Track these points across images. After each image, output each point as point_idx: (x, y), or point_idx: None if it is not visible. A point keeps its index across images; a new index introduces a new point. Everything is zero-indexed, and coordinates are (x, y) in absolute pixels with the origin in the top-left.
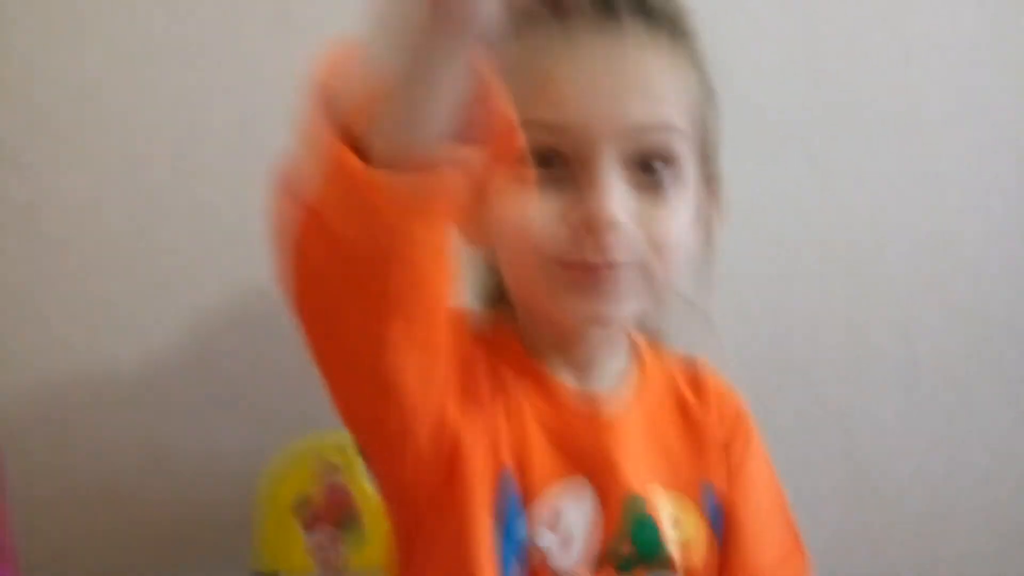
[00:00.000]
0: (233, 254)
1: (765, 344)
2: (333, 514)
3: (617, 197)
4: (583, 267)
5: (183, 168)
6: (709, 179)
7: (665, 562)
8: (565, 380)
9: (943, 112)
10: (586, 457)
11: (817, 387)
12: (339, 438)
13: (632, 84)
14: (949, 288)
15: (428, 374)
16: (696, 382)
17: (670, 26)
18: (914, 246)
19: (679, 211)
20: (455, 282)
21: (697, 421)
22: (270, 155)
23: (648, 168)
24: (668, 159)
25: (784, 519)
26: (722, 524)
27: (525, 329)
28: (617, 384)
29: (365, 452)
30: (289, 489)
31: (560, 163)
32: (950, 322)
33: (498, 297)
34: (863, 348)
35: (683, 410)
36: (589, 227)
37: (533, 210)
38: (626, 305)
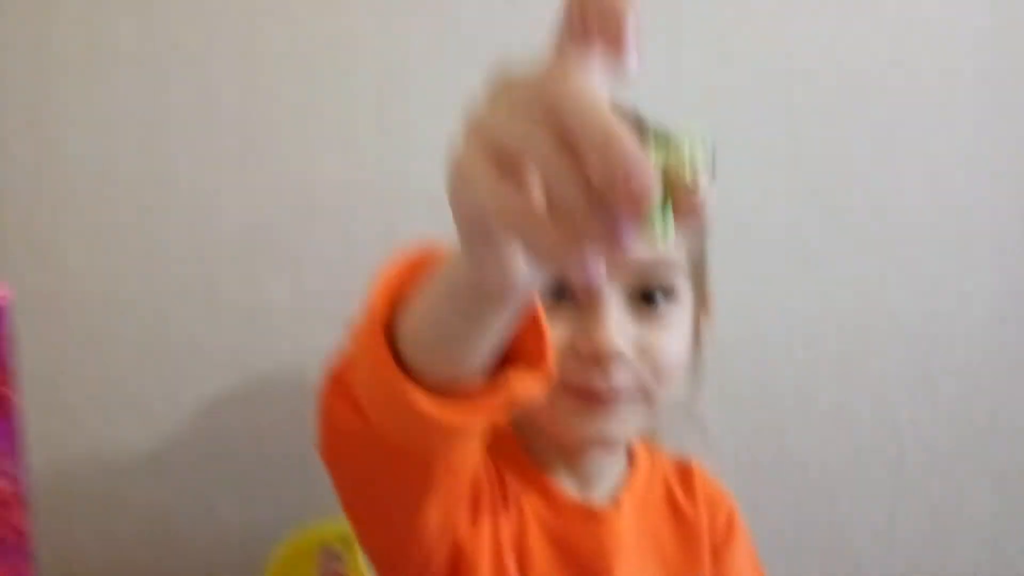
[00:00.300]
0: (245, 341)
1: (757, 434)
2: None
3: (620, 329)
4: (589, 393)
5: (198, 256)
6: (702, 297)
7: None
8: (566, 487)
9: (926, 209)
10: (585, 561)
11: (809, 478)
12: (341, 526)
13: None
14: (936, 385)
15: (452, 517)
16: (687, 481)
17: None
18: (902, 343)
19: (676, 334)
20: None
21: (687, 518)
22: (283, 246)
23: (648, 297)
24: (667, 291)
25: None
26: None
27: (528, 439)
28: (614, 486)
29: (377, 568)
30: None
31: (568, 295)
32: (936, 417)
33: None
34: (851, 441)
35: (674, 508)
36: (595, 357)
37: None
38: (627, 425)
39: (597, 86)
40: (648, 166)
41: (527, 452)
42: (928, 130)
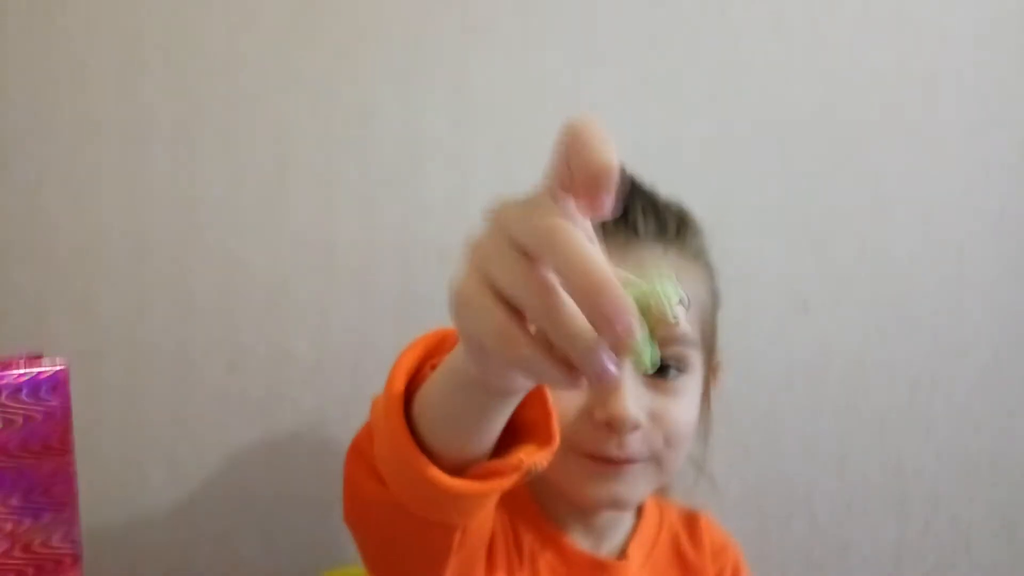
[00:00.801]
0: (268, 393)
1: (764, 482)
2: None
3: (636, 401)
4: (604, 460)
5: (225, 314)
6: (711, 364)
7: None
8: (578, 542)
9: (921, 254)
10: None
11: (817, 523)
12: (361, 571)
13: None
14: (938, 428)
15: (471, 573)
16: (694, 531)
17: (681, 240)
18: (902, 387)
19: (688, 402)
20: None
21: (694, 568)
22: (305, 303)
23: (663, 370)
24: (680, 363)
25: None
26: None
27: (543, 497)
28: (623, 538)
29: None
30: None
31: None
32: (940, 460)
33: None
34: (857, 484)
35: (681, 558)
36: (612, 427)
37: (560, 403)
38: (640, 489)
39: (585, 229)
40: (630, 309)
41: (541, 509)
42: (920, 176)
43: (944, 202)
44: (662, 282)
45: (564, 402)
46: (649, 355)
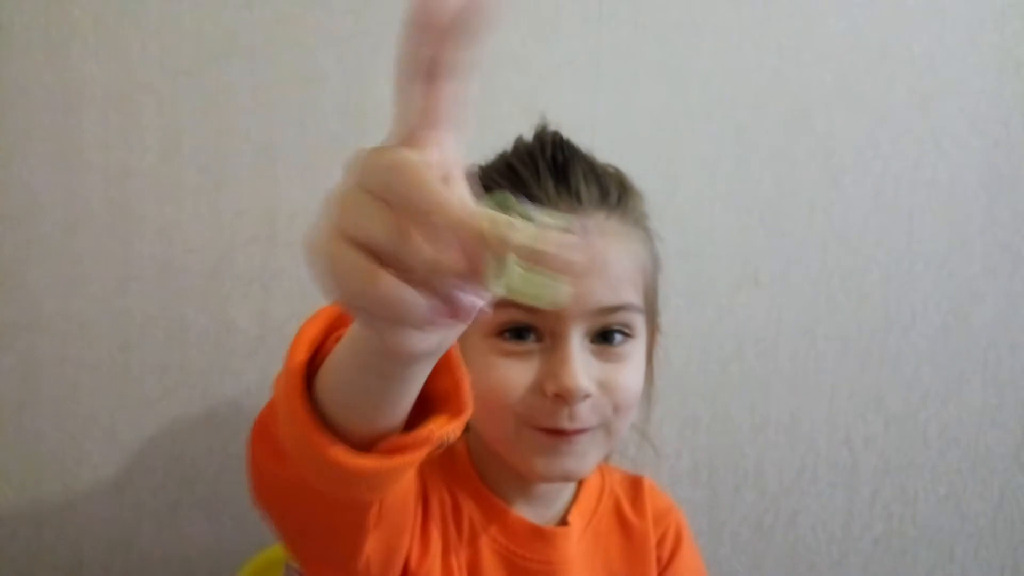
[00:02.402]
0: (210, 366)
1: (714, 452)
2: None
3: (585, 370)
4: (556, 432)
5: (165, 284)
6: (654, 328)
7: None
8: (520, 511)
9: (871, 226)
10: None
11: (767, 492)
12: None
13: (595, 271)
14: (886, 397)
15: (396, 551)
16: (636, 496)
17: (622, 206)
18: (852, 358)
19: (634, 367)
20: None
21: (636, 532)
22: (247, 274)
23: (608, 337)
24: (626, 331)
25: None
26: None
27: (484, 465)
28: (566, 505)
29: None
30: None
31: (533, 337)
32: (888, 430)
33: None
34: (806, 455)
35: (623, 523)
36: (562, 398)
37: (510, 378)
38: (592, 460)
39: (426, 157)
40: (471, 231)
41: (483, 481)
42: (871, 148)
43: (895, 174)
44: (503, 203)
45: (514, 378)
46: (508, 277)
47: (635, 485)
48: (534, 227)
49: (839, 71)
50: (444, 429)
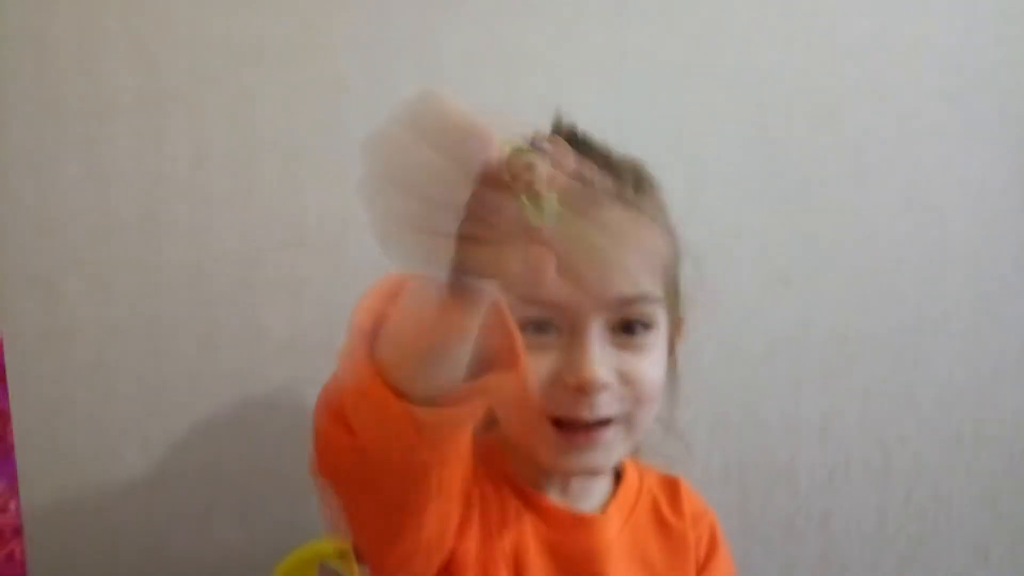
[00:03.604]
0: (241, 368)
1: (745, 451)
2: None
3: (604, 361)
4: (576, 426)
5: (195, 288)
6: (676, 320)
7: None
8: (557, 502)
9: (902, 225)
10: (579, 566)
11: (798, 492)
12: (338, 543)
13: (615, 263)
14: (919, 396)
15: (447, 529)
16: (673, 496)
17: (640, 196)
18: (884, 357)
19: (655, 359)
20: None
21: (675, 532)
22: (277, 277)
23: (629, 328)
24: (645, 321)
25: None
26: None
27: (518, 459)
28: (605, 501)
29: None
30: None
31: (553, 330)
32: (921, 428)
33: (489, 424)
34: (838, 454)
35: (661, 522)
36: (582, 390)
37: (531, 371)
38: (612, 454)
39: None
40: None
41: (519, 476)
42: (901, 146)
43: (925, 172)
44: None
45: (535, 371)
46: (542, 210)
47: (672, 486)
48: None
49: (867, 68)
50: (498, 380)
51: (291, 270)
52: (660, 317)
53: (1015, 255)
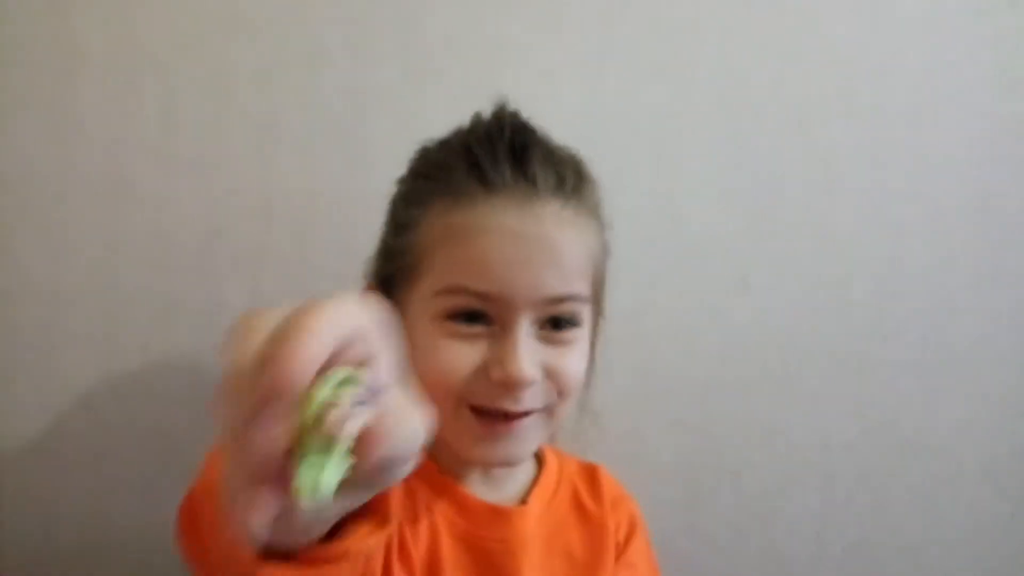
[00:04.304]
0: (198, 342)
1: (696, 454)
2: None
3: (532, 358)
4: (496, 415)
5: (154, 257)
6: (599, 314)
7: None
8: (476, 491)
9: (858, 233)
10: (494, 559)
11: (746, 493)
12: None
13: (548, 260)
14: (865, 403)
15: None
16: (593, 483)
17: (577, 195)
18: (833, 363)
19: (579, 352)
20: None
21: (594, 519)
22: (240, 250)
23: (556, 324)
24: (573, 320)
25: None
26: None
27: (437, 446)
28: (523, 487)
29: None
30: None
31: (482, 321)
32: (866, 437)
33: None
34: (785, 458)
35: (581, 509)
36: (508, 384)
37: (457, 360)
38: (532, 444)
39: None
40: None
41: (434, 463)
42: (868, 159)
43: (888, 186)
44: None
45: (461, 360)
46: (316, 481)
47: (591, 473)
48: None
49: (838, 81)
50: (366, 542)
51: (256, 244)
52: (586, 314)
53: (966, 275)
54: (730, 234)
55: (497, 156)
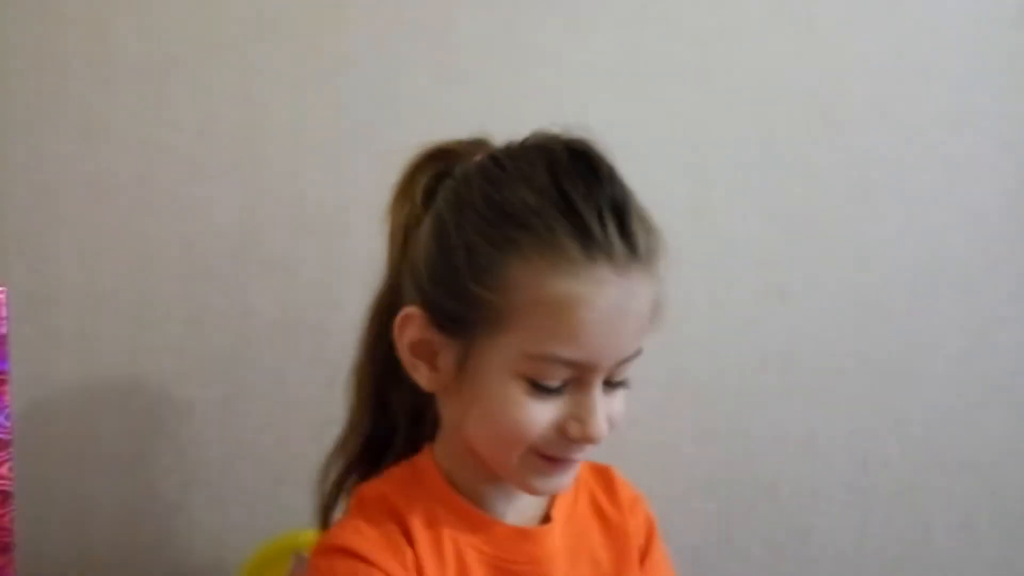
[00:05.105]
0: (229, 347)
1: (731, 464)
2: None
3: (604, 414)
4: (560, 461)
5: (187, 262)
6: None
7: None
8: (503, 515)
9: (899, 245)
10: None
11: (782, 507)
12: (313, 534)
13: (634, 329)
14: (905, 419)
15: None
16: (609, 488)
17: (657, 256)
18: (872, 377)
19: (625, 393)
20: None
21: (614, 523)
22: (272, 257)
23: (621, 383)
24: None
25: None
26: None
27: (462, 478)
28: (545, 502)
29: None
30: None
31: (561, 383)
32: (904, 451)
33: (415, 419)
34: (822, 471)
35: (601, 515)
36: (584, 439)
37: (534, 418)
38: (575, 475)
39: None
40: None
41: (461, 494)
42: (903, 168)
43: (925, 194)
44: None
45: (538, 418)
46: None
47: (605, 475)
48: None
49: (875, 87)
50: None
51: (286, 250)
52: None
53: (1009, 284)
54: (764, 242)
55: (603, 218)
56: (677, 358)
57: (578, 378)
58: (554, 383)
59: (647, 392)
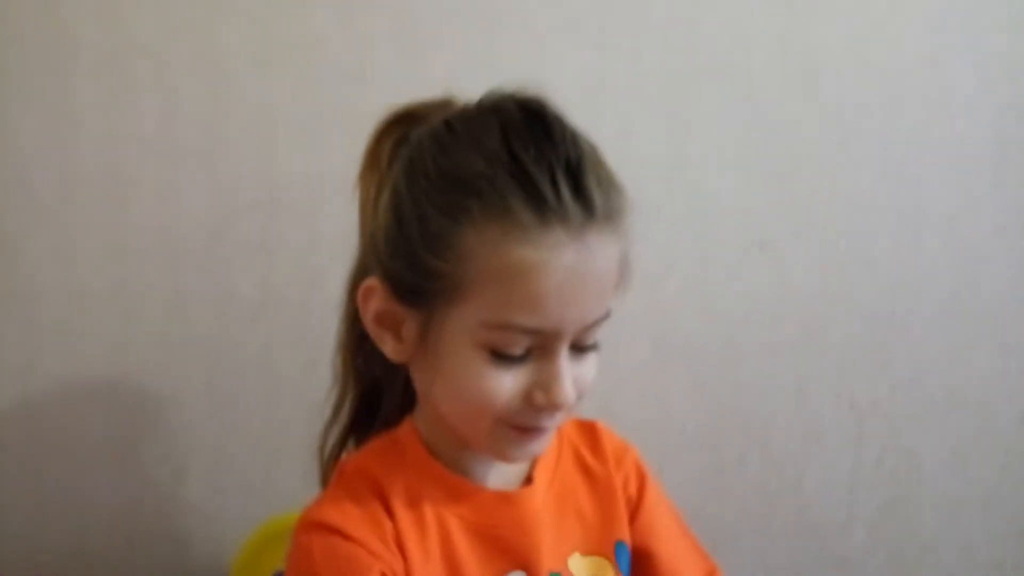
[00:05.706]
0: (210, 332)
1: (721, 416)
2: None
3: (570, 379)
4: (531, 429)
5: (164, 249)
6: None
7: None
8: (476, 476)
9: (880, 190)
10: (510, 545)
11: (772, 455)
12: None
13: (596, 291)
14: (893, 361)
15: None
16: (594, 443)
17: (619, 213)
18: (859, 321)
19: (595, 358)
20: None
21: (600, 478)
22: (248, 239)
23: (589, 346)
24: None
25: (694, 544)
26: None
27: (443, 447)
28: (530, 464)
29: None
30: (265, 564)
31: (526, 351)
32: (894, 392)
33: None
34: (813, 418)
35: (586, 471)
36: (551, 408)
37: (498, 387)
38: (549, 440)
39: None
40: None
41: (437, 458)
42: (880, 110)
43: (904, 137)
44: None
45: (503, 387)
46: None
47: (590, 430)
48: None
49: (848, 32)
50: None
51: (263, 231)
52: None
53: (991, 221)
54: (745, 193)
55: (556, 180)
56: (661, 315)
57: (541, 345)
58: (516, 351)
59: (636, 349)
